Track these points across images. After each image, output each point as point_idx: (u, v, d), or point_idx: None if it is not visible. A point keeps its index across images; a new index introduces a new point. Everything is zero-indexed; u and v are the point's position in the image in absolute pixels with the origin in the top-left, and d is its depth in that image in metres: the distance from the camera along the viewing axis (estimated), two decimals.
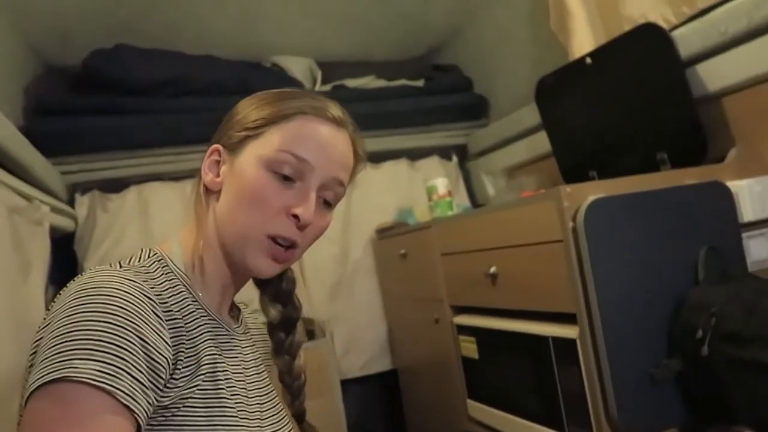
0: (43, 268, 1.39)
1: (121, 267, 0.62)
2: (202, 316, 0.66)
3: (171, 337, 0.59)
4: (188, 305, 0.65)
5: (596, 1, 1.59)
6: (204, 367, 0.62)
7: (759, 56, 1.19)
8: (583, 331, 1.09)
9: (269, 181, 0.66)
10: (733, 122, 1.30)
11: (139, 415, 0.52)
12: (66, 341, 0.51)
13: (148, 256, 0.67)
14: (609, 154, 1.55)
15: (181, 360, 0.60)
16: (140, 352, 0.53)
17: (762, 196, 1.18)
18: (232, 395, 0.65)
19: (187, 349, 0.61)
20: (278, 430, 0.74)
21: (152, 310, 0.57)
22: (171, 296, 0.63)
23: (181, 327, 0.61)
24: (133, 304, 0.55)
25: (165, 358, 0.56)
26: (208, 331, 0.66)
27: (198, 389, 0.61)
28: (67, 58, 1.92)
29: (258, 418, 0.70)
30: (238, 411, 0.65)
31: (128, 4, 1.79)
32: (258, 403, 0.72)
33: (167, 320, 0.60)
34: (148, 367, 0.54)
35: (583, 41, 1.59)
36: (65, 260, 1.81)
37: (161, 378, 0.56)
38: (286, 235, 0.67)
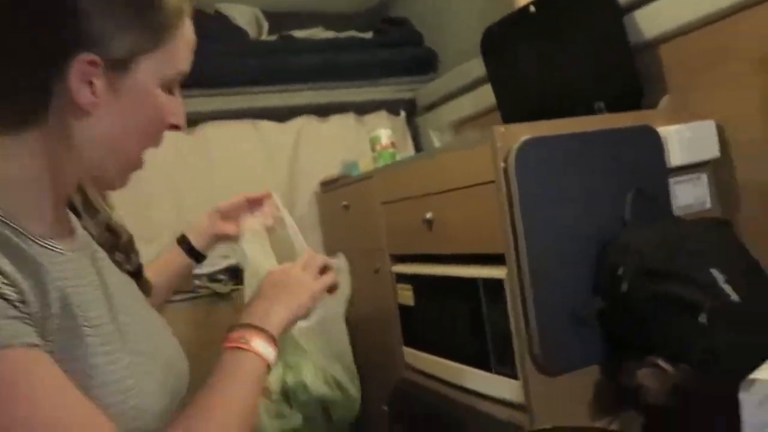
0: None
1: None
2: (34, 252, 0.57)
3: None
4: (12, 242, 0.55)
5: None
6: (54, 304, 0.55)
7: (692, 2, 1.20)
8: (511, 272, 1.09)
9: (162, 98, 0.62)
10: (668, 70, 1.31)
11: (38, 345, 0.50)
12: None
13: None
14: (550, 105, 1.54)
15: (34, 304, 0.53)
16: None
17: (690, 141, 1.20)
18: (91, 326, 0.58)
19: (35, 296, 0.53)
20: (152, 335, 0.69)
21: None
22: None
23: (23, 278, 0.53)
24: None
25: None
26: (49, 263, 0.58)
27: (58, 329, 0.55)
28: None
29: (136, 333, 0.64)
30: (102, 341, 0.59)
31: None
32: (127, 314, 0.65)
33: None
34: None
35: None
36: None
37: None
38: (160, 145, 0.66)
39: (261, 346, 0.69)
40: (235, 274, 1.70)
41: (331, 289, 0.87)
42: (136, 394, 0.57)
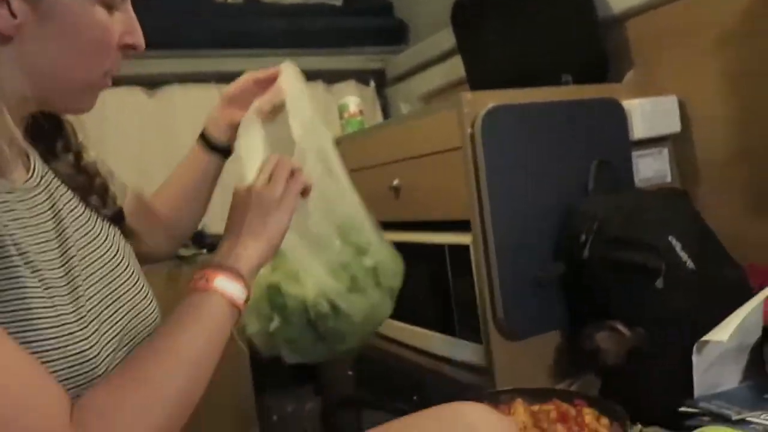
0: None
1: None
2: None
3: None
4: None
5: None
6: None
7: None
8: (476, 238, 1.11)
9: (104, 15, 0.58)
10: (634, 44, 1.33)
11: None
12: None
13: None
14: (519, 78, 1.55)
15: None
16: None
17: (653, 115, 1.23)
18: (34, 270, 0.54)
19: None
20: (121, 287, 0.65)
21: None
22: None
23: None
24: None
25: None
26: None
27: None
28: None
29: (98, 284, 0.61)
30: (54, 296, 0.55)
31: None
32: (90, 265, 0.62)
33: None
34: None
35: None
36: None
37: None
38: (119, 66, 0.62)
39: (224, 284, 0.61)
40: (199, 237, 1.67)
41: (305, 191, 0.75)
42: (81, 339, 0.54)
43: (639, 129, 1.22)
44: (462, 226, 1.15)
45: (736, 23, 1.15)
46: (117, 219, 0.73)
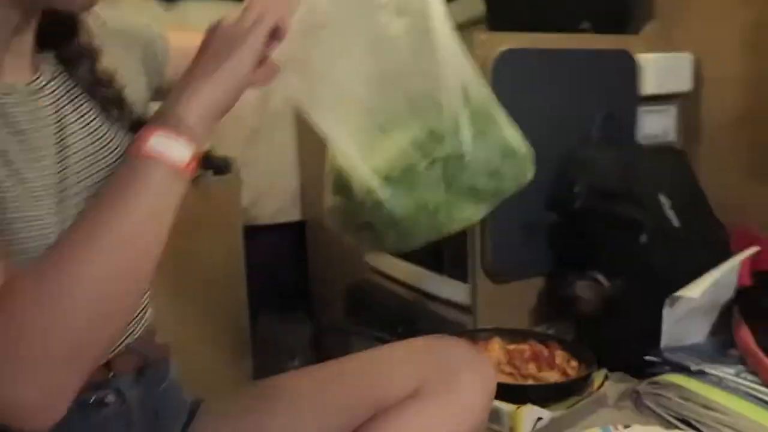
0: None
1: None
2: None
3: None
4: None
5: None
6: None
7: None
8: None
9: None
10: None
11: None
12: None
13: None
14: (539, 19, 1.52)
15: None
16: None
17: (665, 71, 1.21)
18: (19, 178, 0.51)
19: None
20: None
21: None
22: None
23: None
24: None
25: None
26: None
27: None
28: None
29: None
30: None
31: None
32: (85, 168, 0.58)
33: None
34: None
35: None
36: None
37: None
38: None
39: (161, 143, 0.51)
40: (205, 158, 1.69)
41: (276, 32, 0.58)
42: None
43: (650, 84, 1.21)
44: None
45: None
46: (136, 128, 0.64)
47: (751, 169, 1.18)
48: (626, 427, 0.83)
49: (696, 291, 0.87)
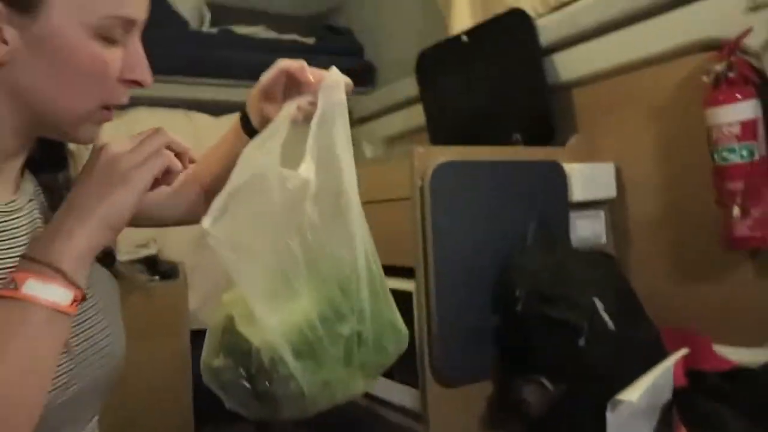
0: None
1: None
2: None
3: None
4: None
5: None
6: None
7: (603, 53, 1.32)
8: (419, 286, 1.16)
9: (100, 49, 0.56)
10: (578, 111, 1.42)
11: None
12: None
13: None
14: (474, 131, 1.64)
15: None
16: None
17: (591, 180, 1.31)
18: None
19: None
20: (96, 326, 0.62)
21: None
22: None
23: None
24: None
25: None
26: None
27: None
28: None
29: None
30: None
31: None
32: None
33: None
34: None
35: (463, 20, 1.66)
36: None
37: None
38: (123, 101, 0.60)
39: (37, 288, 0.51)
40: (152, 264, 1.68)
41: (165, 176, 0.58)
42: None
43: (578, 192, 1.30)
44: (407, 273, 1.20)
45: (667, 98, 1.25)
46: (105, 260, 0.68)
47: (675, 269, 1.26)
48: None
49: (634, 394, 0.90)
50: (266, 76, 0.78)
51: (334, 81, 0.72)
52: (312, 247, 0.69)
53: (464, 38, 1.57)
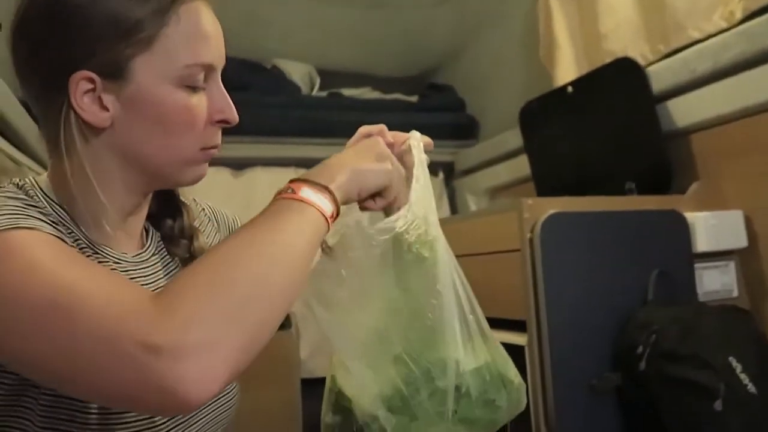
0: None
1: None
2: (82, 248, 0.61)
3: None
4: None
5: (582, 35, 1.66)
6: None
7: (722, 97, 1.25)
8: (531, 339, 1.13)
9: (186, 98, 0.60)
10: (698, 158, 1.35)
11: None
12: None
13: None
14: (583, 181, 1.60)
15: None
16: None
17: (717, 228, 1.23)
18: None
19: None
20: None
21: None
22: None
23: None
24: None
25: None
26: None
27: None
28: None
29: None
30: None
31: None
32: None
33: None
34: None
35: (567, 71, 1.66)
36: None
37: None
38: (217, 141, 0.64)
39: (311, 194, 0.58)
40: None
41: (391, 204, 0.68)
42: None
43: (703, 242, 1.22)
44: (519, 326, 1.17)
45: None
46: None
47: None
48: None
49: None
50: (350, 142, 0.80)
51: (416, 140, 0.75)
52: (409, 303, 0.69)
53: (570, 89, 1.56)
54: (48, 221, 0.55)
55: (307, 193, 0.58)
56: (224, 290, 0.48)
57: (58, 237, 0.54)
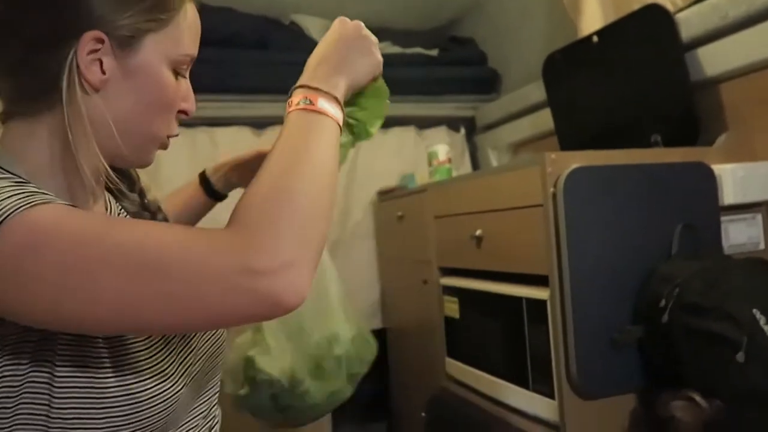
0: None
1: None
2: None
3: None
4: None
5: None
6: None
7: (756, 43, 1.21)
8: (554, 294, 1.14)
9: (174, 82, 0.64)
10: (728, 108, 1.31)
11: None
12: None
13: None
14: (607, 134, 1.57)
15: None
16: None
17: (745, 181, 1.20)
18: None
19: None
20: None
21: None
22: None
23: None
24: None
25: None
26: None
27: None
28: None
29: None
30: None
31: None
32: None
33: None
34: None
35: (592, 20, 1.61)
36: None
37: None
38: (176, 131, 0.68)
39: (327, 106, 0.64)
40: None
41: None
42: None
43: (730, 194, 1.20)
44: (540, 280, 1.18)
45: None
46: None
47: None
48: None
49: None
50: (243, 155, 0.98)
51: None
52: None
53: (595, 39, 1.51)
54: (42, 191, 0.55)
55: (323, 105, 0.64)
56: (291, 215, 0.55)
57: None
